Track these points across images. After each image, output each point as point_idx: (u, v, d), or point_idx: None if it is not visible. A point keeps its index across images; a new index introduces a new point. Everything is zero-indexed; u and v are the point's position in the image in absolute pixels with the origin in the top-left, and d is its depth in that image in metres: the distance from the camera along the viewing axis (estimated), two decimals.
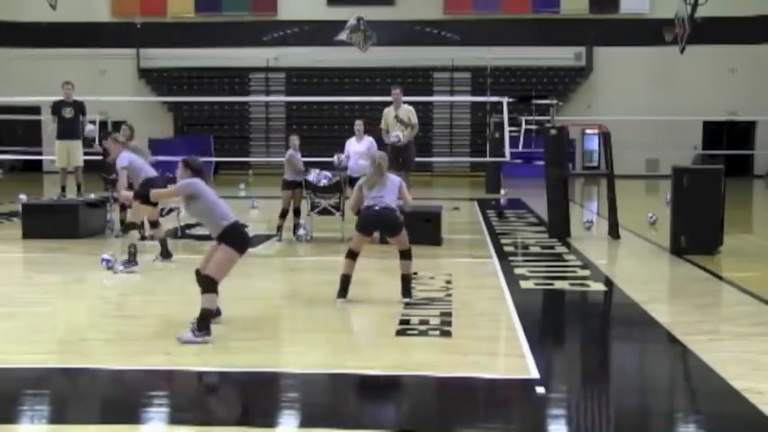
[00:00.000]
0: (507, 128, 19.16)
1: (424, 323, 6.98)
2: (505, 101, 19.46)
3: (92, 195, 13.32)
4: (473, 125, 29.35)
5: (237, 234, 6.60)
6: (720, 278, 9.34)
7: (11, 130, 27.27)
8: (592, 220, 13.87)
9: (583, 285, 8.88)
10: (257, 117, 30.46)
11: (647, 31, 28.47)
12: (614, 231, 12.24)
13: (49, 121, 15.01)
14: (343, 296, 7.74)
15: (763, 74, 28.22)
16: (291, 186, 12.15)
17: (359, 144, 12.40)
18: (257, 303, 7.85)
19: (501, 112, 19.66)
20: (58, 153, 13.87)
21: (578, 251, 11.09)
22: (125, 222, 10.12)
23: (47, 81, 20.26)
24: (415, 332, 6.72)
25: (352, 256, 7.78)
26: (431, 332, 6.71)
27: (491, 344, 6.60)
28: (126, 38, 29.32)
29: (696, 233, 10.61)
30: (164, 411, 5.05)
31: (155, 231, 10.24)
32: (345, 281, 7.76)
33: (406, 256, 7.82)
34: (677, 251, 10.67)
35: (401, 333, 6.70)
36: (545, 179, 12.94)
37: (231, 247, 6.49)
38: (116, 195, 11.47)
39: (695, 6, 24.96)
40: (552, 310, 8.31)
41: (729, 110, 28.60)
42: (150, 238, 11.07)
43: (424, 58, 28.80)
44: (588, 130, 28.55)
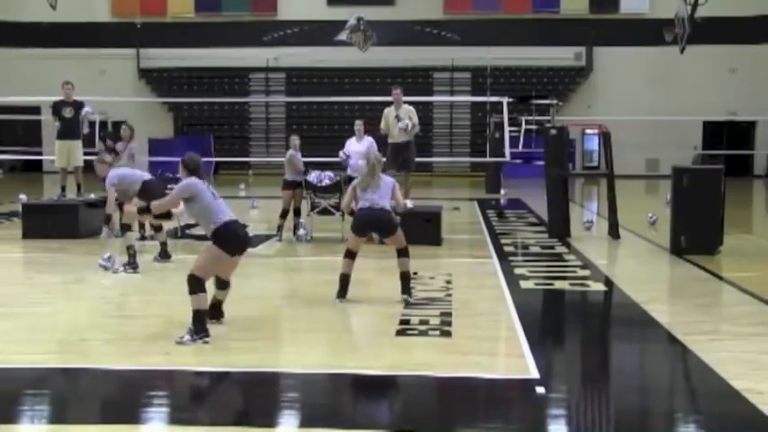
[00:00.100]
0: (507, 128, 19.13)
1: (423, 323, 6.98)
2: (505, 101, 19.42)
3: (92, 195, 13.31)
4: (473, 125, 29.34)
5: (230, 234, 6.57)
6: (720, 278, 9.34)
7: (11, 130, 27.22)
8: (592, 220, 13.87)
9: (583, 285, 8.88)
10: (257, 117, 30.44)
11: (647, 31, 28.45)
12: (614, 231, 12.24)
13: (49, 122, 15.00)
14: (342, 296, 7.77)
15: (763, 74, 28.20)
16: (292, 186, 12.15)
17: (359, 144, 12.42)
18: (257, 303, 7.85)
19: (501, 112, 19.63)
20: (58, 153, 13.84)
21: (578, 251, 11.09)
22: (121, 223, 10.08)
23: (47, 81, 20.23)
24: (415, 332, 6.72)
25: (350, 255, 7.82)
26: (431, 332, 6.72)
27: (491, 344, 6.60)
28: (126, 38, 29.30)
29: (696, 233, 10.61)
30: (164, 411, 5.06)
31: (158, 235, 10.23)
32: (344, 280, 7.80)
33: (403, 253, 7.86)
34: (677, 251, 10.67)
35: (401, 333, 6.70)
36: (545, 179, 12.94)
37: (218, 246, 6.49)
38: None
39: (695, 6, 24.93)
40: (552, 310, 8.31)
41: (729, 110, 28.59)
42: (150, 239, 11.08)
43: (424, 58, 28.79)
44: (588, 130, 28.55)
